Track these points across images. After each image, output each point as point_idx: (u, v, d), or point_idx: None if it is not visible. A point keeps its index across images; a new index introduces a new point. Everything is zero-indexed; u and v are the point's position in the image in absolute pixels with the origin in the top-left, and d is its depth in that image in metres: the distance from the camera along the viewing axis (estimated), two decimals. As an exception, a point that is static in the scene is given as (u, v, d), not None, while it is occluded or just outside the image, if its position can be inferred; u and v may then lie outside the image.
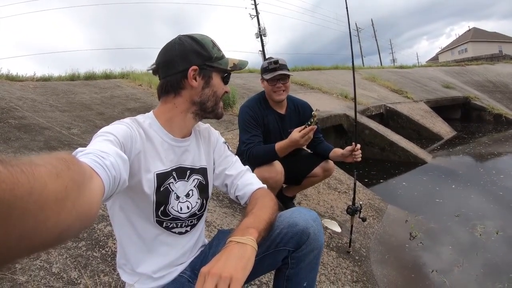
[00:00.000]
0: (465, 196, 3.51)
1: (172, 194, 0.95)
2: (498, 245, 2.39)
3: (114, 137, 0.77)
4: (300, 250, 0.96)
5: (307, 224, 0.96)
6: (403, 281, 2.05)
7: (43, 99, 4.47)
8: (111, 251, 1.47)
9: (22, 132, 3.04)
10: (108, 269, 1.35)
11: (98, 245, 1.48)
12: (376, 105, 7.31)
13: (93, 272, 1.31)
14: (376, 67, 15.96)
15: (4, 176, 0.26)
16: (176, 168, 0.97)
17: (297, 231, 0.95)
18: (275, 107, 2.22)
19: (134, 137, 0.86)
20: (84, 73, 6.60)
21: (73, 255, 1.37)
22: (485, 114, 9.36)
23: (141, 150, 0.88)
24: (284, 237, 0.95)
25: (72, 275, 1.27)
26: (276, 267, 1.02)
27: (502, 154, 5.33)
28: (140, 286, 0.94)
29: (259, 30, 23.50)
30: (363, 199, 3.14)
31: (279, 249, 0.96)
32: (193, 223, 1.02)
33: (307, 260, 0.98)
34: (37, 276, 1.23)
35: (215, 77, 0.98)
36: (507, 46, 36.97)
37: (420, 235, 2.61)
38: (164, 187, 0.93)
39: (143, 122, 0.94)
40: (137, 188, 0.88)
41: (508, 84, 13.19)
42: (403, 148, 5.26)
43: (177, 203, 0.96)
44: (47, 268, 1.28)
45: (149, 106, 4.99)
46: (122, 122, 0.88)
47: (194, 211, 1.00)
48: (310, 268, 1.00)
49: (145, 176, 0.88)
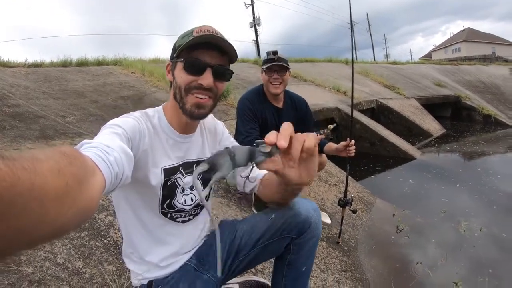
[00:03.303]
0: (452, 192, 3.64)
1: (179, 188, 0.96)
2: (481, 241, 2.51)
3: (123, 130, 0.77)
4: (302, 237, 1.07)
5: (309, 214, 1.06)
6: (389, 271, 2.15)
7: (36, 86, 4.42)
8: (113, 241, 1.51)
9: (17, 120, 3.02)
10: (112, 258, 1.40)
11: (100, 235, 1.53)
12: (368, 99, 7.41)
13: (96, 261, 1.36)
14: (370, 61, 16.00)
15: (5, 174, 0.27)
16: (183, 163, 0.98)
17: (300, 220, 1.05)
18: (272, 100, 2.23)
19: (143, 131, 0.86)
20: (77, 60, 6.50)
21: (76, 245, 1.41)
22: (475, 113, 9.53)
23: (149, 145, 0.88)
24: (288, 225, 1.05)
25: (77, 265, 1.32)
26: (280, 253, 1.12)
27: (489, 153, 5.48)
28: (147, 275, 0.98)
29: (253, 19, 23.25)
30: (352, 192, 3.24)
31: (284, 237, 1.07)
32: (196, 212, 1.05)
33: (307, 247, 1.09)
34: (42, 267, 1.26)
35: (177, 68, 0.91)
36: (501, 48, 37.20)
37: (407, 228, 2.72)
38: (172, 182, 0.94)
39: (153, 117, 0.94)
40: (143, 182, 0.89)
41: (500, 85, 13.33)
42: (393, 144, 5.39)
43: (182, 196, 0.98)
44: (52, 259, 1.31)
45: (142, 94, 4.98)
46: (131, 116, 0.87)
47: (198, 202, 1.02)
48: (308, 254, 1.11)
49: (152, 171, 0.89)
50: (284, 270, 1.12)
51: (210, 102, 0.92)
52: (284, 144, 0.56)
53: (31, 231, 0.31)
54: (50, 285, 1.18)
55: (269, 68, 2.10)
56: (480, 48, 35.36)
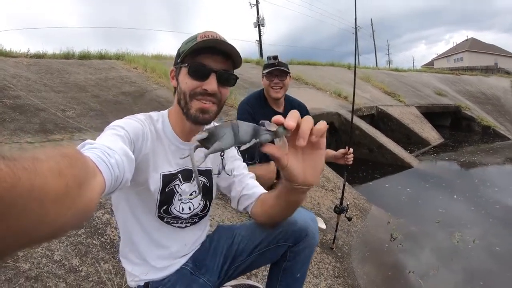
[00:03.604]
0: (447, 202, 3.66)
1: (177, 195, 0.96)
2: (474, 253, 2.53)
3: (126, 133, 0.77)
4: (298, 245, 1.09)
5: (306, 224, 1.09)
6: (382, 278, 2.18)
7: (37, 77, 4.41)
8: (109, 239, 1.52)
9: (17, 113, 3.02)
10: (108, 256, 1.41)
11: (97, 233, 1.54)
12: (368, 106, 7.43)
13: (93, 259, 1.37)
14: (371, 67, 15.99)
15: (6, 174, 0.27)
16: (182, 170, 0.97)
17: (296, 229, 1.07)
18: (273, 105, 2.26)
19: (146, 135, 0.86)
20: (79, 52, 6.47)
21: (73, 243, 1.42)
22: (474, 124, 9.53)
23: (151, 149, 0.88)
24: (285, 234, 1.08)
25: (74, 262, 1.33)
26: (276, 260, 1.14)
27: (487, 165, 5.51)
28: (144, 276, 0.99)
29: (257, 20, 23.26)
30: (348, 198, 3.25)
31: (280, 245, 1.09)
32: (194, 221, 1.05)
33: (303, 255, 1.11)
34: (39, 263, 1.27)
35: (182, 73, 0.91)
36: (503, 60, 37.09)
37: (401, 237, 2.74)
38: (170, 188, 0.94)
39: (157, 121, 0.94)
40: (143, 185, 0.89)
41: (500, 97, 13.32)
42: (391, 151, 5.41)
43: (180, 204, 0.97)
44: (49, 256, 1.32)
45: (144, 90, 4.98)
46: (135, 118, 0.88)
47: (197, 211, 1.02)
48: (303, 262, 1.13)
49: (152, 175, 0.90)
50: (279, 276, 1.14)
51: (214, 108, 0.91)
52: (292, 124, 0.52)
53: (31, 232, 0.31)
54: (46, 281, 1.20)
55: (270, 73, 2.13)
56: (483, 59, 35.38)
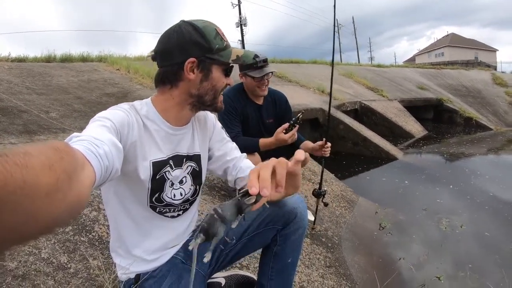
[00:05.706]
0: (433, 191, 3.75)
1: (168, 182, 0.96)
2: (462, 238, 2.61)
3: (111, 123, 0.76)
4: (287, 228, 1.10)
5: (295, 205, 1.10)
6: (373, 266, 2.21)
7: (19, 81, 4.32)
8: (98, 236, 1.50)
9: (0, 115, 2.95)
10: (97, 253, 1.39)
11: (84, 230, 1.51)
12: (352, 101, 7.54)
13: (81, 256, 1.35)
14: (354, 64, 16.22)
15: None
16: (173, 156, 0.97)
17: (285, 210, 1.09)
18: (253, 98, 2.30)
19: (132, 124, 0.85)
20: (61, 55, 6.36)
21: (61, 240, 1.40)
22: (456, 116, 9.79)
23: (138, 138, 0.87)
24: (274, 216, 1.09)
25: (62, 259, 1.30)
26: (266, 245, 1.15)
27: (470, 154, 5.65)
28: (134, 268, 0.98)
29: (240, 20, 23.26)
30: (335, 190, 3.30)
31: (269, 228, 1.10)
32: (186, 207, 1.05)
33: (293, 238, 1.11)
34: (26, 262, 1.24)
35: (215, 70, 0.93)
36: (483, 53, 38.40)
37: (389, 226, 2.80)
38: (160, 175, 0.93)
39: (140, 109, 0.92)
40: (132, 175, 0.88)
41: (481, 90, 13.68)
42: (375, 144, 5.50)
43: (171, 190, 0.97)
44: (36, 254, 1.29)
45: (127, 91, 4.94)
46: (119, 108, 0.86)
47: (187, 197, 1.03)
48: (294, 246, 1.14)
49: (141, 164, 0.88)
50: (270, 262, 1.14)
51: None
52: (266, 193, 0.57)
53: (22, 228, 0.30)
54: (34, 280, 1.17)
55: (262, 77, 2.15)
56: (463, 53, 36.38)
